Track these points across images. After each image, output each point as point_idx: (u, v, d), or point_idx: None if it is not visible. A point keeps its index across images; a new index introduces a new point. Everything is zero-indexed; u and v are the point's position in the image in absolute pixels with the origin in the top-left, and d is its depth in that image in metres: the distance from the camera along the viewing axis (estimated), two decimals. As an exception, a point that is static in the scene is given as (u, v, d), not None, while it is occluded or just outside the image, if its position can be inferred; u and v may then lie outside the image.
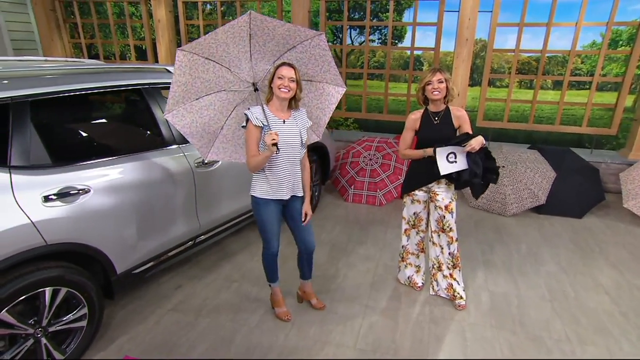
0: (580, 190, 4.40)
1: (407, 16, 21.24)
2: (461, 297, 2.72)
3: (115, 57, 6.93)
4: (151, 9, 6.12)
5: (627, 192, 4.33)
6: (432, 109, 2.52)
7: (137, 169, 2.35)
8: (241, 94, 2.32)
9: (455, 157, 2.38)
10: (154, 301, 2.72)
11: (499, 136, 5.96)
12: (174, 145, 2.63)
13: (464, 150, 2.34)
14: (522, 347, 2.37)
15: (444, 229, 2.64)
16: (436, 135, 2.48)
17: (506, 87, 5.96)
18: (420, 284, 2.91)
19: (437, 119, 2.50)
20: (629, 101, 5.37)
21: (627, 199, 4.27)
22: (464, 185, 2.46)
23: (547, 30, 4.93)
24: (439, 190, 2.58)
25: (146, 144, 2.62)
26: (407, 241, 2.86)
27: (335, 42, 20.25)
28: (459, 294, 2.72)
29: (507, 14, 5.52)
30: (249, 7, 6.57)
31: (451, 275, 2.74)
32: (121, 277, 2.32)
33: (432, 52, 5.41)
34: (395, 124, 6.28)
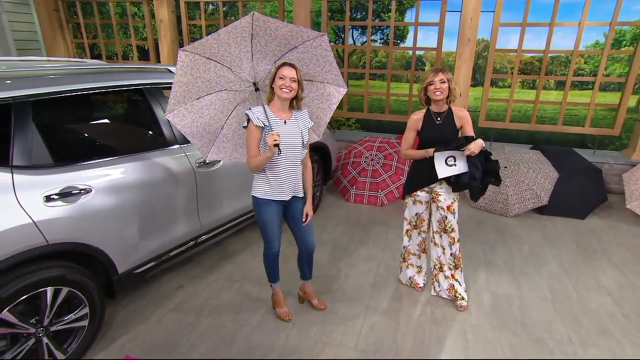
0: (582, 191, 4.38)
1: (409, 16, 21.20)
2: (463, 298, 2.71)
3: (117, 57, 6.96)
4: (154, 9, 6.14)
5: (630, 192, 4.31)
6: (435, 109, 2.51)
7: (139, 169, 2.36)
8: (242, 94, 2.32)
9: (454, 161, 2.38)
10: (155, 301, 2.72)
11: (501, 136, 5.95)
12: (175, 145, 2.63)
13: (464, 154, 2.34)
14: (524, 349, 2.36)
15: (445, 229, 2.63)
16: (438, 135, 2.47)
17: (508, 87, 5.95)
18: (421, 285, 2.90)
19: (439, 119, 2.49)
20: (632, 101, 5.35)
21: (630, 199, 4.26)
22: (462, 188, 2.45)
23: (549, 30, 4.92)
24: (441, 190, 2.57)
25: (148, 144, 2.62)
26: (408, 242, 2.86)
27: (337, 42, 20.25)
28: (460, 294, 2.71)
29: (510, 14, 5.50)
30: (251, 7, 6.58)
31: (453, 276, 2.73)
32: (122, 277, 2.33)
33: (434, 52, 5.40)
34: (397, 124, 6.27)
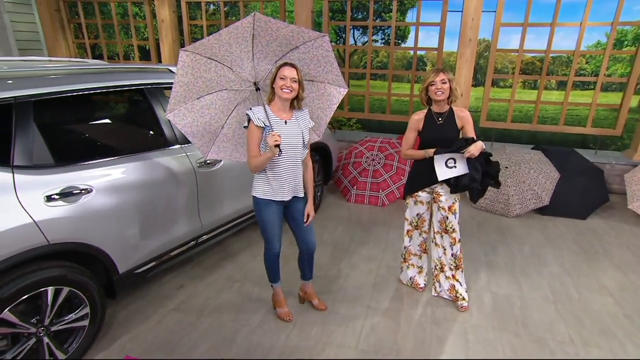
0: (584, 191, 4.37)
1: (411, 16, 21.17)
2: (463, 299, 2.70)
3: (119, 57, 6.97)
4: (155, 9, 6.14)
5: (632, 193, 4.30)
6: (436, 109, 2.51)
7: (139, 169, 2.36)
8: (242, 93, 2.32)
9: (454, 163, 2.38)
10: (156, 301, 2.73)
11: (503, 137, 5.94)
12: (176, 145, 2.63)
13: (463, 156, 2.34)
14: (525, 349, 2.36)
15: (447, 229, 2.63)
16: (440, 135, 2.47)
17: (510, 87, 5.94)
18: (422, 285, 2.90)
19: (440, 119, 2.49)
20: (634, 102, 5.35)
21: (631, 200, 4.24)
22: (462, 189, 2.45)
23: (551, 30, 4.91)
24: (442, 191, 2.57)
25: (148, 144, 2.62)
26: (409, 242, 2.85)
27: (338, 42, 20.23)
28: (461, 295, 2.71)
29: (511, 14, 5.50)
30: (252, 7, 6.58)
31: (454, 276, 2.72)
32: (123, 277, 2.33)
33: (436, 52, 5.39)
34: (398, 124, 6.26)
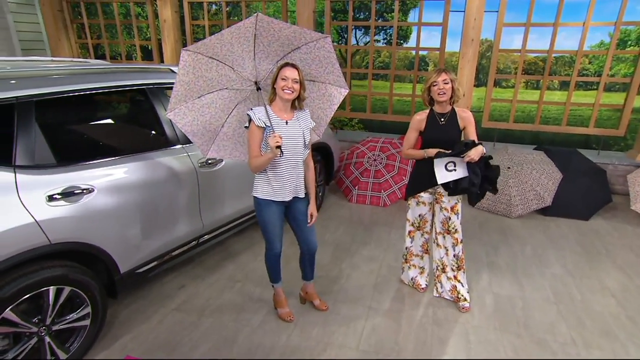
0: (586, 192, 4.35)
1: (413, 16, 21.18)
2: (465, 299, 2.70)
3: (121, 57, 6.98)
4: (157, 9, 6.15)
5: (634, 194, 4.27)
6: (438, 109, 2.50)
7: (141, 168, 2.36)
8: (243, 93, 2.33)
9: (454, 166, 2.37)
10: (157, 301, 2.73)
11: (505, 137, 5.93)
12: (177, 145, 2.63)
13: (463, 160, 2.34)
14: (527, 350, 2.35)
15: (449, 230, 2.62)
16: (442, 136, 2.46)
17: (512, 87, 5.92)
18: (423, 286, 2.89)
19: (443, 120, 2.48)
20: (637, 102, 5.30)
21: (634, 201, 4.22)
22: (460, 192, 2.45)
23: (554, 30, 4.88)
24: (445, 191, 2.56)
25: (150, 143, 2.63)
26: (411, 243, 2.84)
27: (340, 42, 20.22)
28: (463, 296, 2.70)
29: (514, 14, 5.49)
30: (254, 7, 6.59)
31: (455, 277, 2.72)
32: (124, 277, 2.33)
33: (438, 53, 5.38)
34: (399, 125, 6.24)
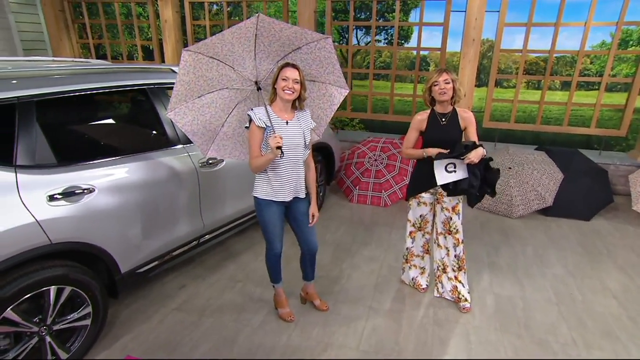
0: (588, 192, 4.34)
1: (414, 16, 21.17)
2: (466, 300, 2.69)
3: (122, 57, 6.99)
4: (158, 9, 6.16)
5: (636, 194, 4.26)
6: (439, 109, 2.50)
7: (142, 168, 2.36)
8: (243, 92, 2.33)
9: (454, 167, 2.37)
10: (157, 300, 2.73)
11: (506, 137, 5.92)
12: (178, 145, 2.64)
13: (463, 162, 2.33)
14: (527, 351, 2.34)
15: (450, 230, 2.62)
16: (443, 136, 2.46)
17: (513, 87, 5.91)
18: (424, 286, 2.89)
19: (444, 120, 2.48)
20: (639, 102, 5.28)
21: (636, 201, 4.21)
22: (460, 193, 2.45)
23: (555, 30, 4.88)
24: (445, 191, 2.56)
25: (151, 143, 2.63)
26: (411, 243, 2.84)
27: (341, 43, 20.20)
28: (463, 296, 2.70)
29: (515, 14, 5.47)
30: (255, 7, 6.59)
31: (456, 277, 2.71)
32: (125, 277, 2.33)
33: (439, 53, 5.37)
34: (400, 125, 6.23)
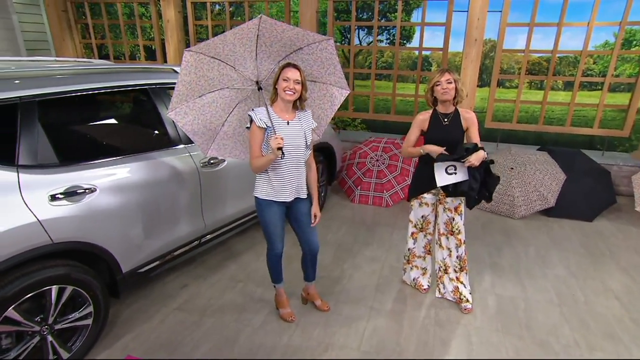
0: (590, 192, 4.32)
1: (416, 16, 21.14)
2: (467, 301, 2.69)
3: (125, 57, 7.01)
4: (161, 9, 6.17)
5: (639, 195, 4.24)
6: (441, 110, 2.49)
7: (143, 168, 2.37)
8: (244, 92, 2.33)
9: (455, 169, 2.37)
10: (159, 300, 2.74)
11: (508, 137, 5.90)
12: (180, 145, 2.64)
13: (464, 165, 2.33)
14: (529, 352, 2.33)
15: (452, 231, 2.61)
16: (445, 136, 2.45)
17: (516, 87, 5.89)
18: (425, 287, 2.88)
19: (446, 120, 2.47)
20: (642, 102, 5.25)
21: (639, 202, 4.19)
22: (459, 195, 2.44)
23: (558, 30, 4.86)
24: (447, 192, 2.55)
25: (152, 143, 2.63)
26: (413, 244, 2.83)
27: (343, 43, 20.22)
28: (465, 297, 2.69)
29: (517, 14, 5.45)
30: (257, 7, 6.59)
31: (458, 278, 2.71)
32: (127, 276, 2.34)
33: (441, 53, 5.36)
34: (402, 125, 6.22)
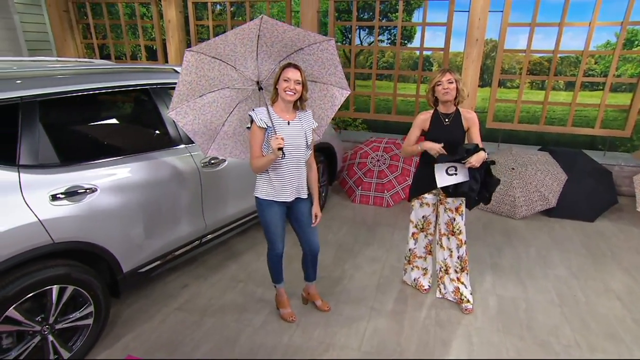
0: (592, 193, 4.31)
1: (417, 16, 21.10)
2: (468, 301, 2.68)
3: (126, 57, 7.02)
4: (162, 9, 6.18)
5: (641, 195, 4.23)
6: (442, 110, 2.49)
7: (144, 168, 2.37)
8: (244, 92, 2.33)
9: (455, 170, 2.37)
10: (159, 300, 2.74)
11: (510, 137, 5.89)
12: (180, 145, 2.64)
13: (464, 166, 2.33)
14: (530, 352, 2.33)
15: (453, 231, 2.61)
16: (447, 137, 2.44)
17: (517, 87, 5.88)
18: (426, 287, 2.88)
19: (447, 120, 2.47)
20: (643, 102, 5.24)
21: (641, 202, 4.18)
22: (459, 195, 2.44)
23: (559, 30, 4.85)
24: (448, 192, 2.55)
25: (153, 143, 2.63)
26: (414, 245, 2.83)
27: (344, 43, 20.22)
28: (466, 297, 2.69)
29: (518, 14, 5.44)
30: (258, 7, 6.60)
31: (458, 278, 2.71)
32: (127, 276, 2.34)
33: (442, 53, 5.35)
34: (403, 125, 6.22)
